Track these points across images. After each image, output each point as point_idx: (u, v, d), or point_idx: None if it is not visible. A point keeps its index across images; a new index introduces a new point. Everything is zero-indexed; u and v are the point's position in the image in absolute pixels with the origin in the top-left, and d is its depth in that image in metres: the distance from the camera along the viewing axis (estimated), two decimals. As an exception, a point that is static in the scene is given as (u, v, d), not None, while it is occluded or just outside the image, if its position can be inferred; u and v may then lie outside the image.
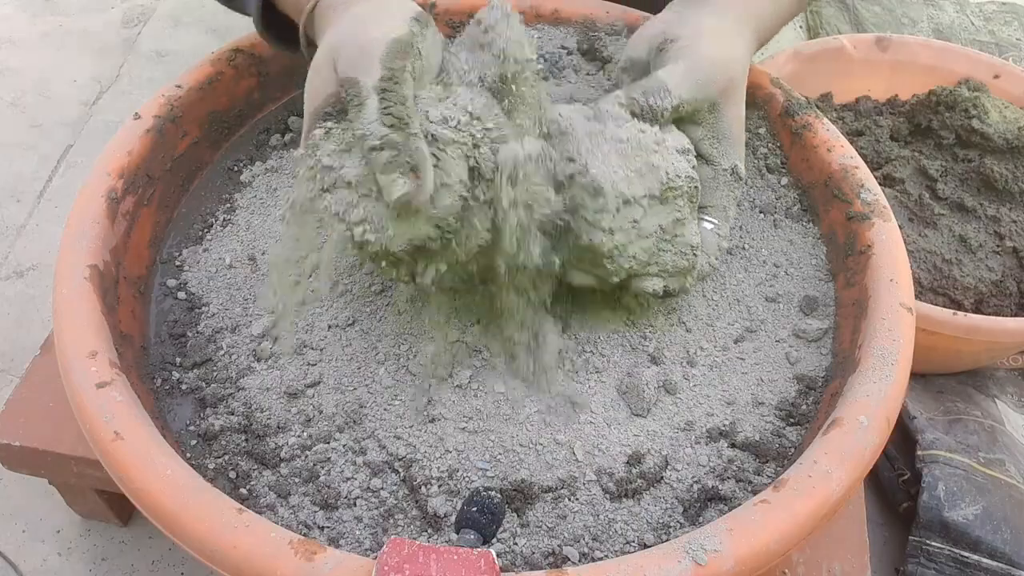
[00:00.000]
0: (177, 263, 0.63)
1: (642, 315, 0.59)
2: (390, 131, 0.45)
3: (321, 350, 0.57)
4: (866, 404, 0.50)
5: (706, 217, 0.57)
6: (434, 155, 0.46)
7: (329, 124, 0.49)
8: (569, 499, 0.51)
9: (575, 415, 0.54)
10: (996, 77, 1.00)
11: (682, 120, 0.57)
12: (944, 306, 0.81)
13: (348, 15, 0.53)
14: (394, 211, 0.46)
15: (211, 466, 0.51)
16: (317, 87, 0.51)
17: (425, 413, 0.54)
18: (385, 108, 0.46)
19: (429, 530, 0.49)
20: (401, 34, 0.49)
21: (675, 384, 0.57)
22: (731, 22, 0.60)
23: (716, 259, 0.57)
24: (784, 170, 0.70)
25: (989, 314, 0.83)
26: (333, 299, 0.59)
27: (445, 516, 0.50)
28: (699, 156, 0.57)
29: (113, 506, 0.72)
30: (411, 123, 0.46)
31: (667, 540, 0.45)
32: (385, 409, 0.54)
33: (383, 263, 0.50)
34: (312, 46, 0.57)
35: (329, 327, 0.58)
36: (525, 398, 0.55)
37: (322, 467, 0.52)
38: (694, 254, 0.54)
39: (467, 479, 0.51)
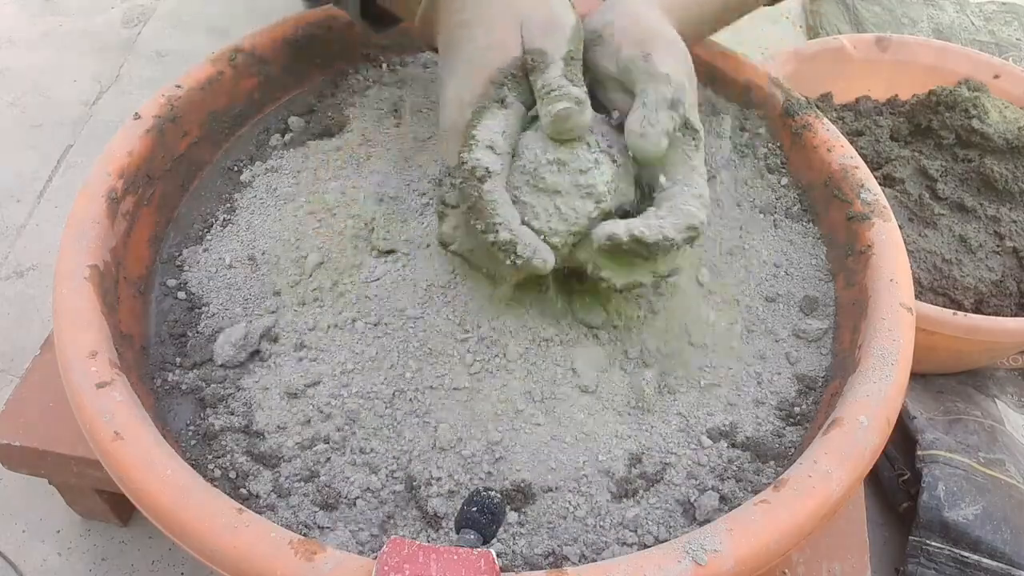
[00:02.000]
0: (177, 263, 0.63)
1: (630, 310, 0.59)
2: (572, 85, 0.51)
3: (321, 350, 0.57)
4: (866, 404, 0.50)
5: (664, 176, 0.54)
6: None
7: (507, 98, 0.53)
8: (569, 499, 0.51)
9: (575, 414, 0.54)
10: (996, 77, 1.00)
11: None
12: (944, 306, 0.81)
13: None
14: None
15: (211, 466, 0.51)
16: (502, 43, 0.53)
17: (425, 412, 0.54)
18: (570, 72, 0.52)
19: (429, 530, 0.49)
20: (576, 22, 0.54)
21: (675, 384, 0.57)
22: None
23: (697, 221, 0.51)
24: (784, 170, 0.70)
25: (989, 314, 0.83)
26: (334, 299, 0.59)
27: (445, 516, 0.50)
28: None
29: (113, 506, 0.72)
30: (584, 89, 0.52)
31: (667, 540, 0.45)
32: (385, 409, 0.54)
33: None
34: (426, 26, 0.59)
35: (328, 327, 0.58)
36: (525, 398, 0.55)
37: (322, 467, 0.52)
38: (600, 198, 0.52)
39: (467, 479, 0.51)
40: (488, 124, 0.51)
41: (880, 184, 0.80)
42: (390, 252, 0.59)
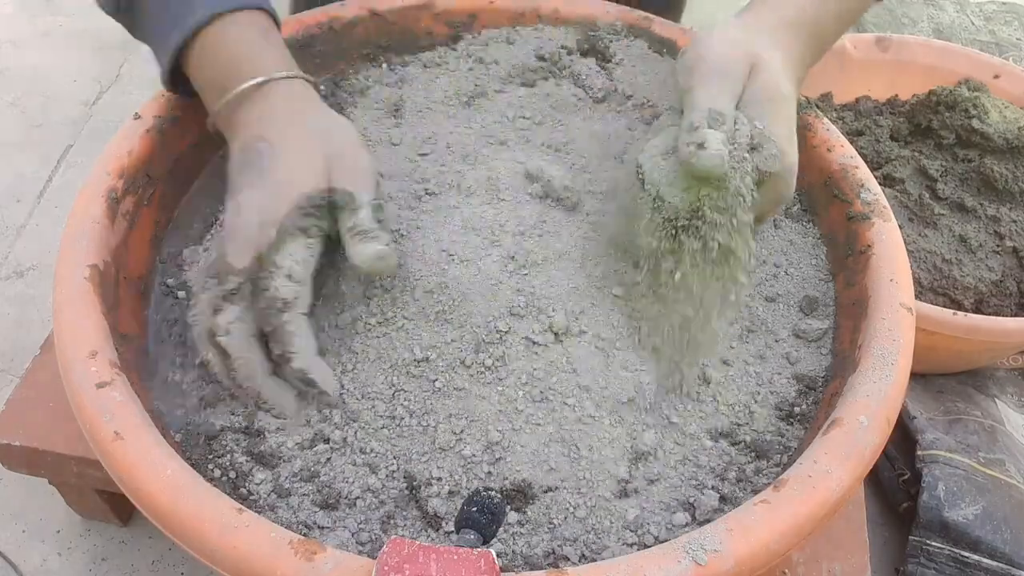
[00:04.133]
0: (177, 263, 0.63)
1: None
2: (379, 229, 0.54)
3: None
4: (866, 404, 0.50)
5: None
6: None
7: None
8: (569, 499, 0.51)
9: (576, 415, 0.54)
10: (996, 77, 1.00)
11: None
12: (944, 306, 0.81)
13: (310, 124, 0.57)
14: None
15: (211, 466, 0.51)
16: (305, 172, 0.54)
17: (425, 413, 0.54)
18: (377, 217, 0.54)
19: (429, 530, 0.49)
20: (375, 166, 0.57)
21: (675, 384, 0.57)
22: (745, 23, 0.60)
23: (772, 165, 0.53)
24: (784, 170, 0.70)
25: (989, 314, 0.83)
26: (335, 299, 0.59)
27: (445, 516, 0.50)
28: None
29: (113, 506, 0.72)
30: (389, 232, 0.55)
31: (667, 540, 0.45)
32: (385, 409, 0.54)
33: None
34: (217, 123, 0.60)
35: (327, 327, 0.58)
36: (525, 398, 0.55)
37: (322, 467, 0.52)
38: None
39: (467, 479, 0.51)
40: (291, 251, 0.53)
41: (880, 184, 0.80)
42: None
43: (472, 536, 0.44)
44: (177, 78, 0.61)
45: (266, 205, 0.54)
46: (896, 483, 0.79)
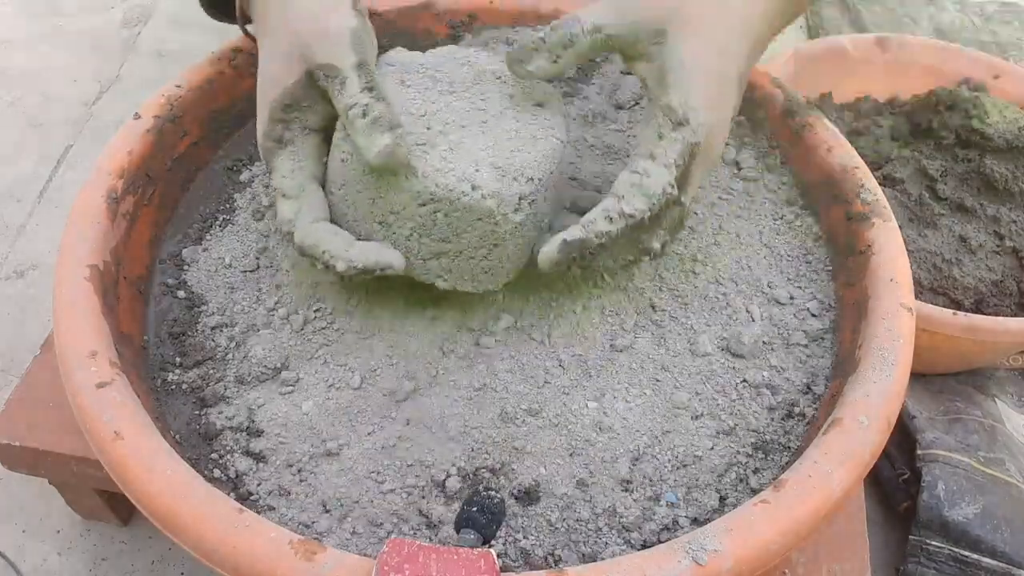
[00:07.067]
0: (177, 263, 0.63)
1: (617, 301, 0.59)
2: (372, 98, 0.50)
3: (322, 346, 0.57)
4: (866, 404, 0.50)
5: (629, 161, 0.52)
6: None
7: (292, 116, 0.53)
8: (570, 499, 0.51)
9: (576, 416, 0.54)
10: (996, 77, 1.00)
11: (626, 56, 0.53)
12: (944, 306, 0.81)
13: (293, 3, 0.54)
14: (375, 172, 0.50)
15: (211, 466, 0.51)
16: (276, 75, 0.53)
17: (425, 412, 0.54)
18: (365, 83, 0.50)
19: (429, 530, 0.49)
20: (356, 24, 0.52)
21: (674, 384, 0.57)
22: None
23: (646, 204, 0.50)
24: (784, 170, 0.70)
25: (989, 314, 0.83)
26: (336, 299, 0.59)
27: (445, 516, 0.50)
28: (648, 94, 0.53)
29: (113, 506, 0.72)
30: (388, 96, 0.51)
31: (667, 540, 0.45)
32: (386, 409, 0.54)
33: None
34: (247, 20, 0.59)
35: (329, 326, 0.58)
36: (525, 399, 0.55)
37: (322, 467, 0.52)
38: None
39: (468, 479, 0.51)
40: (279, 168, 0.53)
41: (880, 184, 0.80)
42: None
43: (472, 536, 0.44)
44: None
45: (259, 115, 0.54)
46: (896, 483, 0.79)
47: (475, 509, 0.45)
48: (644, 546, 0.49)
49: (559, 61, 0.51)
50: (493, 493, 0.46)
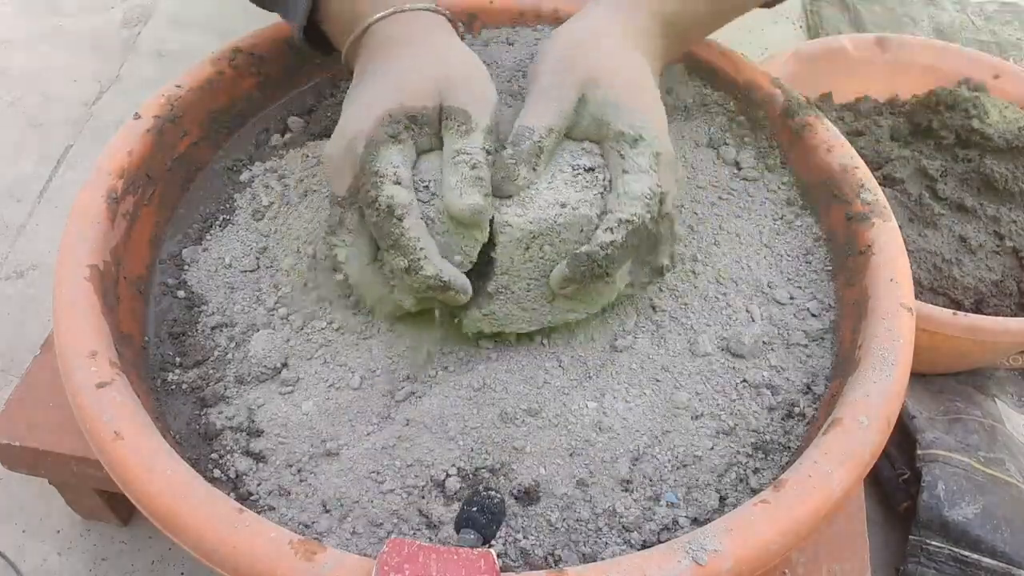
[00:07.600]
0: (177, 263, 0.63)
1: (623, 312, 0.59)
2: (485, 162, 0.51)
3: (322, 346, 0.57)
4: (866, 404, 0.50)
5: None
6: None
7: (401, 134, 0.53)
8: (570, 499, 0.51)
9: (576, 416, 0.54)
10: (996, 77, 1.00)
11: (577, 129, 0.56)
12: (944, 306, 0.81)
13: (426, 47, 0.56)
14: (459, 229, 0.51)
15: (211, 466, 0.51)
16: (407, 89, 0.53)
17: (425, 413, 0.54)
18: (489, 146, 0.52)
19: (429, 530, 0.49)
20: (497, 99, 0.55)
21: (674, 384, 0.57)
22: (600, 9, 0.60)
23: (640, 207, 0.52)
24: (784, 170, 0.70)
25: (989, 314, 0.83)
26: (337, 299, 0.59)
27: (445, 516, 0.50)
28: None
29: (113, 506, 0.72)
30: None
31: (667, 540, 0.45)
32: (387, 408, 0.54)
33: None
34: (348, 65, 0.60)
35: (328, 326, 0.58)
36: (525, 400, 0.55)
37: (322, 467, 0.52)
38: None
39: (467, 479, 0.51)
40: (388, 158, 0.51)
41: (880, 184, 0.80)
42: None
43: (472, 536, 0.44)
44: (309, 35, 0.62)
45: (351, 125, 0.53)
46: (896, 483, 0.79)
47: (475, 509, 0.45)
48: (644, 546, 0.49)
49: (537, 168, 0.53)
50: (493, 493, 0.46)
